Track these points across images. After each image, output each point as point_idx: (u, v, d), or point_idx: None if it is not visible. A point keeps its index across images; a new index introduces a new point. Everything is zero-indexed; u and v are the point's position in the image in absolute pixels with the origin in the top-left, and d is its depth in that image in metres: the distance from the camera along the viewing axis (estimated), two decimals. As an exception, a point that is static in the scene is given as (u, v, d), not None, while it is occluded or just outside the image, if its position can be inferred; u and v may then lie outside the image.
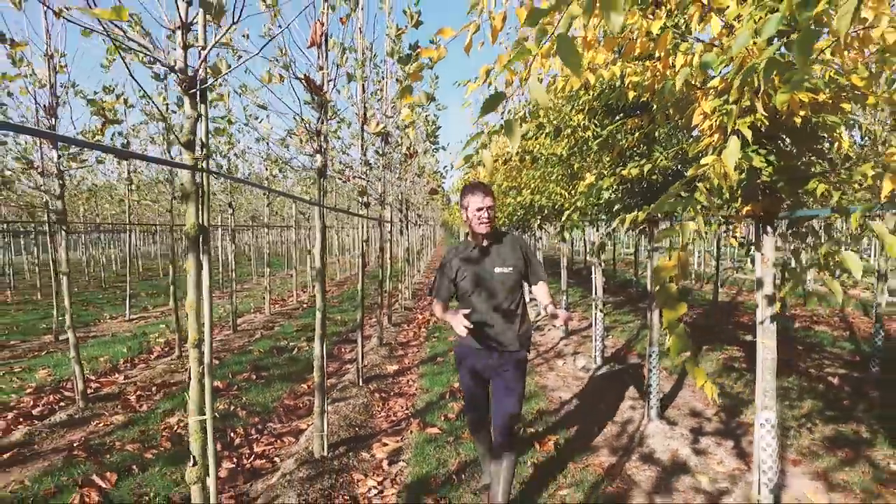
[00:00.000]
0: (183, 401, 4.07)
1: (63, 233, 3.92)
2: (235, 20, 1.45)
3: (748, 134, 1.60)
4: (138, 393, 4.33)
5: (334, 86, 3.07)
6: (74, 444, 3.27)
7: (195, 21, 1.49)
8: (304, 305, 9.38)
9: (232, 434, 3.44)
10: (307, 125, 2.98)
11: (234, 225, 7.47)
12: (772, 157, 1.98)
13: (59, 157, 3.80)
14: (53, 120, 3.78)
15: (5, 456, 3.09)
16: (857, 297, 7.72)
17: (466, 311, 2.13)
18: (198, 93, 1.50)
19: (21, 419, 3.77)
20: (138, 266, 17.85)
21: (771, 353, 2.20)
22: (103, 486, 2.73)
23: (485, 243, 2.32)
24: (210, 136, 1.63)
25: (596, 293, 5.00)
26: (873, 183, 1.83)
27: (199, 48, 1.49)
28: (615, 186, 2.92)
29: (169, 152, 5.32)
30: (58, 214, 3.86)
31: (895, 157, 1.58)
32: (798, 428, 3.31)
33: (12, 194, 7.78)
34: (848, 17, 0.91)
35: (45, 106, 3.72)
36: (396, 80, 5.39)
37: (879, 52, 1.45)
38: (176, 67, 1.46)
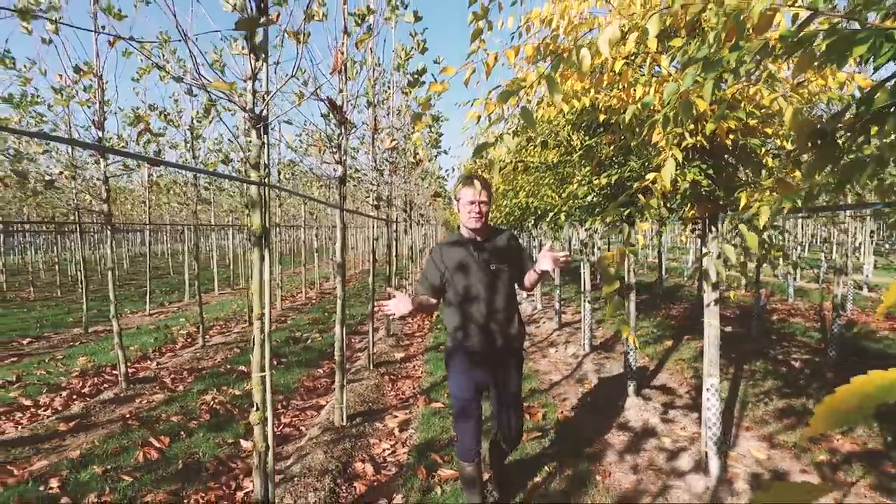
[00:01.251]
0: (213, 382, 4.57)
1: (108, 231, 4.41)
2: (292, 74, 1.93)
3: (679, 156, 2.07)
4: (172, 376, 4.83)
5: (354, 106, 3.56)
6: (126, 416, 3.77)
7: (260, 73, 1.98)
8: (313, 301, 9.88)
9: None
10: (329, 139, 3.47)
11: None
12: (710, 171, 2.46)
13: (107, 165, 4.30)
14: (101, 132, 4.27)
15: (71, 424, 3.60)
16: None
17: (405, 304, 2.13)
18: (262, 126, 1.98)
19: (74, 397, 4.27)
20: (147, 264, 18.35)
21: (715, 331, 2.69)
22: (159, 446, 3.23)
23: (478, 239, 2.24)
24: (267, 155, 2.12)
25: (584, 287, 5.48)
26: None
27: (264, 93, 1.98)
28: (595, 191, 3.40)
29: (240, 170, 5.82)
30: (105, 215, 4.36)
31: (793, 174, 2.05)
32: (755, 402, 3.80)
33: (55, 198, 8.24)
34: (709, 89, 1.40)
35: (94, 121, 4.21)
36: (402, 91, 5.87)
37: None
38: (247, 108, 1.95)
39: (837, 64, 1.11)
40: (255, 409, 2.10)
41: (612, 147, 3.32)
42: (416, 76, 3.67)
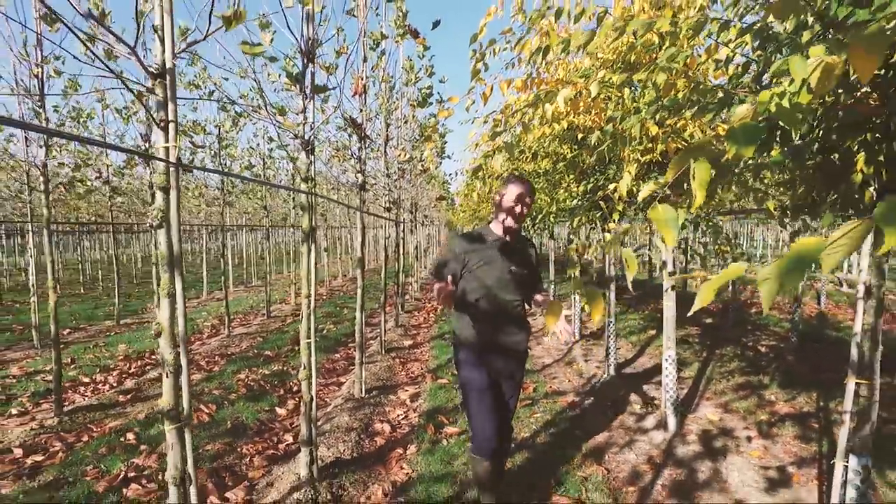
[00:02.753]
0: (244, 364, 5.16)
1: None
2: (334, 111, 2.52)
3: (633, 172, 2.65)
4: (205, 360, 5.43)
5: (369, 121, 4.15)
6: (174, 390, 4.36)
7: (308, 108, 2.57)
8: (324, 297, 10.47)
9: (291, 383, 4.54)
10: (350, 151, 4.06)
11: (269, 225, 8.57)
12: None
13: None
14: (147, 144, 4.88)
15: (128, 396, 4.20)
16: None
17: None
18: (310, 148, 2.58)
19: (125, 375, 4.88)
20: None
21: (671, 312, 3.26)
22: (208, 412, 3.83)
23: (507, 238, 2.25)
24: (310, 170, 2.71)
25: (573, 281, 6.05)
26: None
27: (311, 124, 2.58)
28: (576, 197, 3.99)
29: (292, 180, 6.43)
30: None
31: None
32: (719, 379, 4.37)
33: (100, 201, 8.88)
34: (637, 127, 1.98)
35: (142, 135, 4.82)
36: (410, 104, 6.47)
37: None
38: (299, 135, 2.55)
39: (716, 115, 1.71)
40: (302, 367, 2.69)
41: (592, 158, 3.90)
42: (423, 97, 4.26)
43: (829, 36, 1.30)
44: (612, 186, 2.70)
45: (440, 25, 3.40)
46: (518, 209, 2.16)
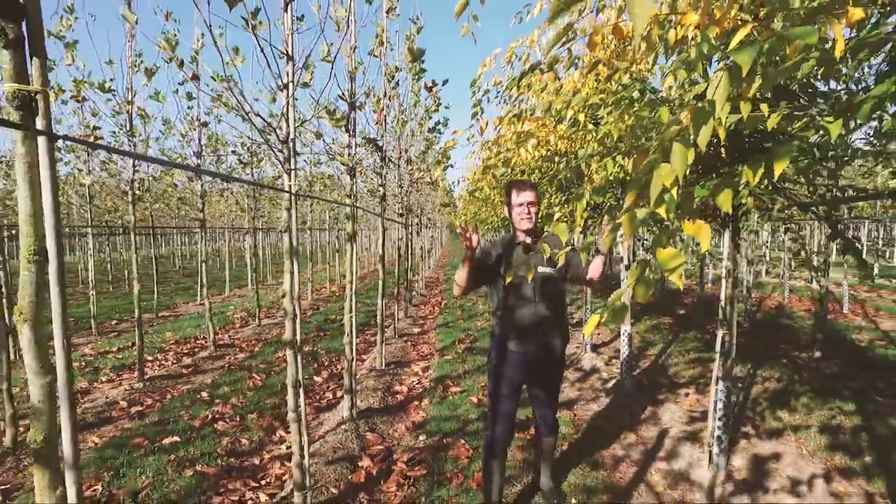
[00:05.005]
0: (280, 346, 6.09)
1: (203, 233, 5.96)
2: (372, 150, 3.45)
3: (583, 206, 3.58)
4: (245, 344, 6.36)
5: (383, 136, 5.08)
6: (224, 366, 5.30)
7: (351, 143, 3.51)
8: (337, 294, 11.41)
9: (322, 360, 5.47)
10: (374, 169, 4.99)
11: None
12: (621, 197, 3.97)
13: (203, 184, 5.84)
14: (198, 160, 5.82)
15: (189, 370, 5.13)
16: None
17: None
18: (354, 173, 3.51)
19: (180, 355, 5.82)
20: (176, 262, 20.04)
21: (627, 297, 4.18)
22: (259, 378, 4.76)
23: (528, 241, 2.27)
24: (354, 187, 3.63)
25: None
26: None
27: (353, 155, 3.51)
28: (554, 206, 4.91)
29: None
30: (201, 221, 5.90)
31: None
32: (677, 354, 5.28)
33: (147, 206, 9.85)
34: (582, 164, 2.91)
35: (195, 152, 5.76)
36: (419, 122, 7.42)
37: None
38: (346, 164, 3.48)
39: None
40: (346, 334, 3.63)
41: (569, 175, 4.83)
42: (435, 125, 5.19)
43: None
44: (573, 203, 3.63)
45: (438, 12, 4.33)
46: (524, 211, 2.22)
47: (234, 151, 6.99)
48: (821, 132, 1.27)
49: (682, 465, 2.96)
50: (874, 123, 2.07)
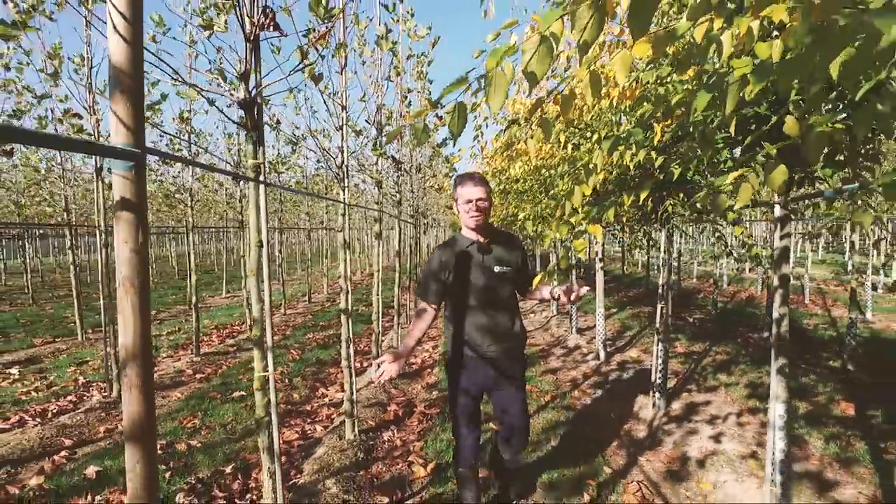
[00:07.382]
0: (308, 329, 7.01)
1: (242, 232, 6.88)
2: (399, 169, 4.36)
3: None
4: (276, 329, 7.29)
5: (404, 158, 5.99)
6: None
7: (379, 161, 4.42)
8: (361, 283, 12.34)
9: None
10: (394, 178, 5.91)
11: (310, 227, 10.45)
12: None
13: (240, 188, 6.76)
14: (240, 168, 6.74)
15: (234, 348, 6.06)
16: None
17: (391, 362, 1.98)
18: (380, 185, 4.43)
19: (223, 337, 6.75)
20: (191, 261, 21.00)
21: (601, 284, 5.08)
22: (296, 354, 5.68)
23: (481, 239, 2.14)
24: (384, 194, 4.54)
25: (556, 271, 7.91)
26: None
27: (381, 171, 4.42)
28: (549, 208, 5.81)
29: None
30: (238, 222, 6.82)
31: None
32: (648, 335, 6.19)
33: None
34: (575, 193, 3.82)
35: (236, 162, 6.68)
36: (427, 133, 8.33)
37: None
38: (375, 178, 4.39)
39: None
40: (374, 313, 4.55)
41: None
42: (439, 144, 6.10)
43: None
44: (556, 214, 4.54)
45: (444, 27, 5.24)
46: (472, 208, 2.07)
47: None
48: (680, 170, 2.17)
49: (635, 408, 3.87)
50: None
